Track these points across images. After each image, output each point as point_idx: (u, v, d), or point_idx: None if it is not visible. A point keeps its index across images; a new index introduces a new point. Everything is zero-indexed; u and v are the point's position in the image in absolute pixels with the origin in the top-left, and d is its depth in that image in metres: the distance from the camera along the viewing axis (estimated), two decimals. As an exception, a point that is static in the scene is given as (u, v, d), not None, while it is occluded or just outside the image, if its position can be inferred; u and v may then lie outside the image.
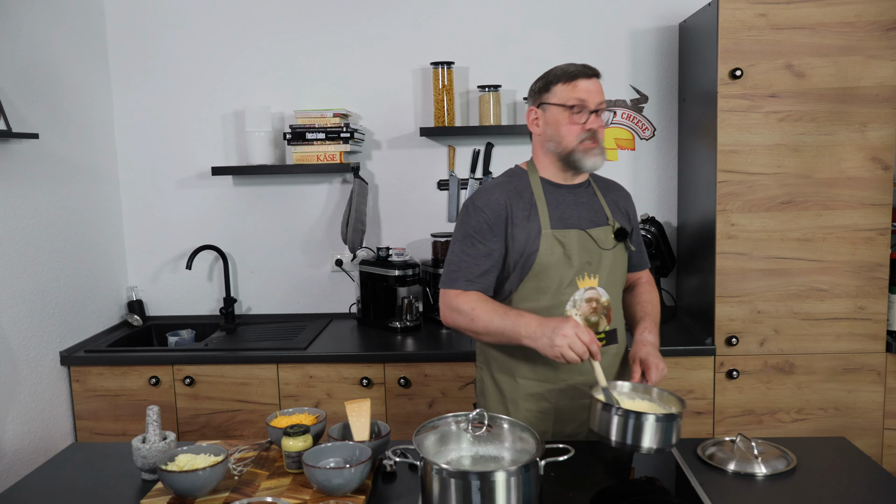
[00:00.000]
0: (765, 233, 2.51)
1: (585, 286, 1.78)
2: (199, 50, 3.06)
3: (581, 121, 1.76)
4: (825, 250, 2.51)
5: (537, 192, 1.82)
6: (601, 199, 1.89)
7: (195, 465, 1.54)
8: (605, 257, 1.81)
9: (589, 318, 1.79)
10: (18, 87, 2.49)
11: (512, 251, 1.79)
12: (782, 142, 2.47)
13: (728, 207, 2.51)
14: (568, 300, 1.77)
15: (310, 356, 2.61)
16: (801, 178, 2.49)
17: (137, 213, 3.16)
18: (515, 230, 1.78)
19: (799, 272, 2.52)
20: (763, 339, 2.55)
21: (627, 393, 1.69)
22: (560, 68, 1.81)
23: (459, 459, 1.51)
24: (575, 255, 1.77)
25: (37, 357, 2.54)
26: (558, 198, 1.83)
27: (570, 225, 1.80)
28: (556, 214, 1.80)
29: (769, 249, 2.52)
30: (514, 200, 1.80)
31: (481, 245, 1.79)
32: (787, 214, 2.50)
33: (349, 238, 2.93)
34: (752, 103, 2.46)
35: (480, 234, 1.79)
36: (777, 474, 1.60)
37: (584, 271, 1.79)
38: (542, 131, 1.82)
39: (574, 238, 1.78)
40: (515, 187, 1.83)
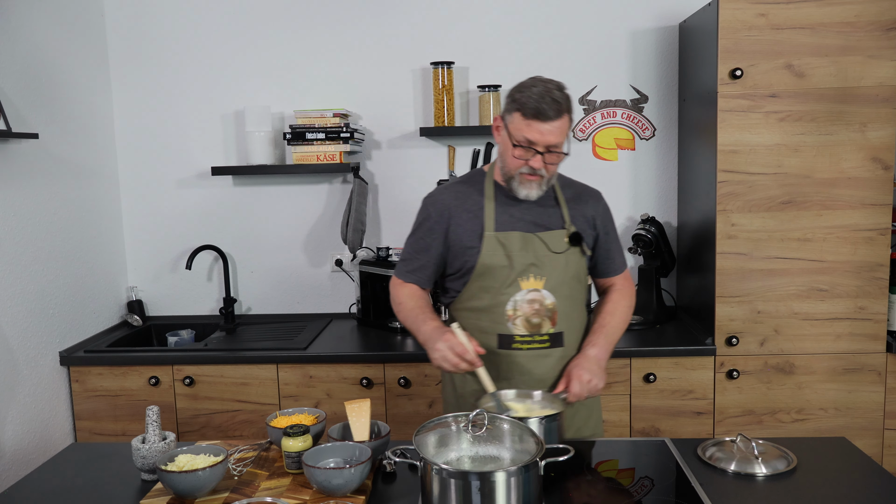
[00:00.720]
0: (765, 233, 2.51)
1: (529, 287, 1.83)
2: (199, 50, 3.06)
3: (525, 157, 1.77)
4: (825, 250, 2.51)
5: (488, 195, 1.88)
6: (561, 204, 1.91)
7: (195, 465, 1.54)
8: (554, 261, 1.84)
9: (530, 319, 1.83)
10: (18, 87, 2.49)
11: (453, 251, 1.87)
12: (782, 142, 2.47)
13: (728, 207, 2.51)
14: (508, 301, 1.83)
15: (310, 356, 2.61)
16: (801, 178, 2.49)
17: (137, 213, 3.16)
18: (456, 230, 1.86)
19: (799, 272, 2.52)
20: (763, 339, 2.55)
21: (513, 399, 1.75)
22: (529, 94, 1.74)
23: (459, 459, 1.51)
24: (517, 257, 1.82)
25: (36, 357, 2.54)
26: (508, 201, 1.88)
27: (515, 227, 1.85)
28: (504, 217, 1.86)
29: (769, 249, 2.52)
30: (462, 202, 1.88)
31: (421, 241, 1.91)
32: (787, 214, 2.50)
33: (349, 238, 2.93)
34: (752, 103, 2.46)
35: (422, 231, 1.91)
36: (777, 474, 1.60)
37: (529, 273, 1.83)
38: (500, 143, 1.85)
39: (517, 240, 1.83)
40: (468, 189, 1.91)
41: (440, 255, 1.90)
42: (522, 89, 1.76)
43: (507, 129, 1.78)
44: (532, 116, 1.73)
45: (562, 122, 1.75)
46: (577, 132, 3.04)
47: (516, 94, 1.77)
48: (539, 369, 1.84)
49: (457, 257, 1.87)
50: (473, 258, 1.84)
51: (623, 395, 2.58)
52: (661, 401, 2.58)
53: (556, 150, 1.77)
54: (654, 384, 2.56)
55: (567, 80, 2.99)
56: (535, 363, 1.84)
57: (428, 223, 1.90)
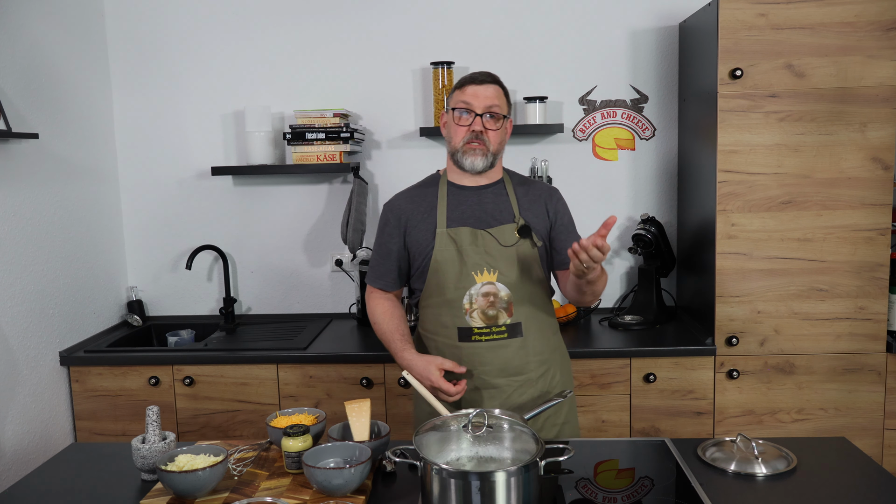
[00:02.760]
0: (765, 233, 2.51)
1: (483, 281, 1.89)
2: (199, 50, 3.06)
3: (465, 123, 1.89)
4: (825, 250, 2.51)
5: (440, 194, 1.97)
6: (511, 199, 1.98)
7: (195, 465, 1.54)
8: (505, 254, 1.90)
9: (486, 311, 1.89)
10: (18, 87, 2.49)
11: (413, 252, 1.96)
12: (782, 142, 2.47)
13: (728, 207, 2.51)
14: (464, 295, 1.89)
15: (310, 356, 2.61)
16: (802, 178, 2.49)
17: (137, 213, 3.16)
18: (413, 232, 1.95)
19: (799, 272, 2.52)
20: (763, 339, 2.55)
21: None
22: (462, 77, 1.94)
23: (459, 460, 1.51)
24: (469, 252, 1.89)
25: (36, 357, 2.54)
26: (460, 198, 1.96)
27: (466, 223, 1.92)
28: (455, 214, 1.94)
29: (769, 249, 2.52)
30: (416, 204, 1.97)
31: (383, 246, 2.00)
32: (787, 214, 2.50)
33: (349, 238, 2.93)
34: (752, 103, 2.46)
35: (383, 236, 2.00)
36: (777, 474, 1.60)
37: (482, 267, 1.89)
38: (444, 134, 1.97)
39: (466, 235, 1.90)
40: (422, 191, 2.00)
41: (401, 257, 1.99)
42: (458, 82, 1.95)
43: (448, 109, 1.93)
44: (466, 83, 1.91)
45: (495, 88, 1.91)
46: (578, 132, 3.04)
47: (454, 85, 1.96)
48: (499, 359, 1.90)
49: (416, 257, 1.96)
50: (429, 256, 1.92)
51: (623, 395, 2.58)
52: (661, 401, 2.58)
53: (496, 113, 1.89)
54: (654, 384, 2.56)
55: (567, 80, 3.02)
56: (495, 354, 1.90)
57: (388, 228, 1.99)
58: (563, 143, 3.05)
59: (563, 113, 3.03)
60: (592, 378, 2.58)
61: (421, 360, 1.87)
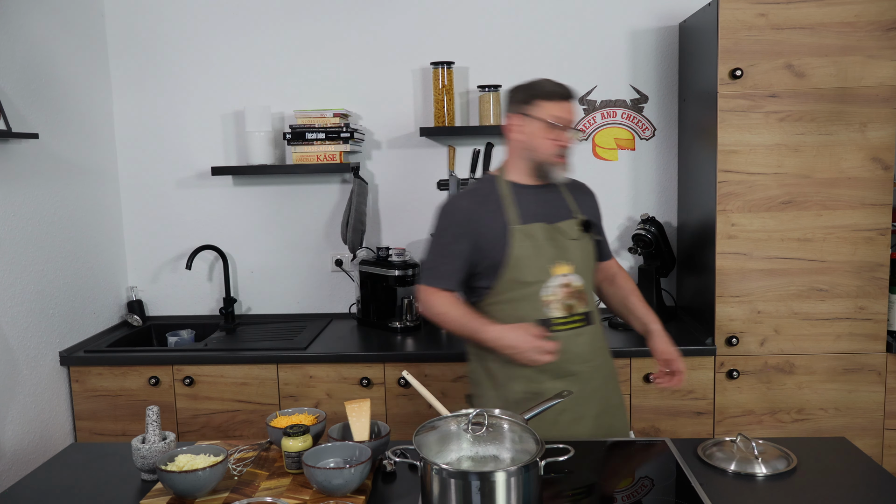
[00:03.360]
0: (765, 233, 2.51)
1: (560, 273, 1.95)
2: (199, 50, 3.06)
3: (560, 138, 1.93)
4: (825, 250, 2.51)
5: (504, 194, 1.99)
6: (566, 196, 2.06)
7: (195, 465, 1.54)
8: (573, 247, 1.98)
9: (565, 301, 1.95)
10: (18, 87, 2.49)
11: (482, 250, 1.95)
12: (782, 142, 2.47)
13: (728, 207, 2.51)
14: (544, 288, 1.94)
15: (310, 356, 2.61)
16: (802, 178, 2.49)
17: (137, 213, 3.16)
18: (483, 230, 1.94)
19: (799, 272, 2.52)
20: (763, 339, 2.55)
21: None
22: (543, 85, 1.94)
23: (459, 459, 1.51)
24: (544, 246, 1.94)
25: (36, 357, 2.54)
26: (524, 197, 1.99)
27: (537, 219, 1.96)
28: (522, 211, 1.97)
29: (769, 249, 2.52)
30: (481, 204, 1.98)
31: (448, 247, 1.96)
32: (787, 214, 2.50)
33: (349, 238, 2.93)
34: (753, 103, 2.46)
35: (447, 237, 1.97)
36: (777, 474, 1.60)
37: (558, 260, 1.95)
38: (520, 139, 1.97)
39: (540, 230, 1.95)
40: (482, 192, 2.01)
41: (468, 259, 1.97)
42: (532, 85, 1.95)
43: (535, 118, 1.92)
44: (560, 98, 1.93)
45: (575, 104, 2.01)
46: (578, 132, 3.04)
47: (530, 90, 1.94)
48: (576, 347, 1.96)
49: (486, 256, 1.95)
50: (502, 253, 1.93)
51: (623, 395, 2.58)
52: (661, 401, 2.58)
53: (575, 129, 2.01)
54: (655, 384, 2.56)
55: (567, 79, 2.99)
56: (573, 342, 1.95)
57: (452, 229, 1.96)
58: (563, 143, 3.04)
59: (563, 113, 3.03)
60: (592, 378, 2.58)
61: (513, 327, 1.88)
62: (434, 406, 1.75)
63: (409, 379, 1.77)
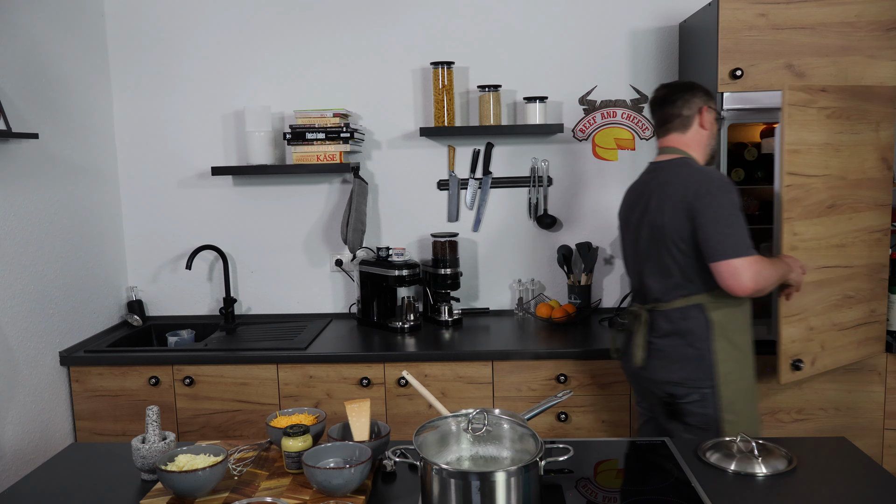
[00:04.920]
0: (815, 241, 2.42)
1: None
2: (199, 50, 3.06)
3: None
4: (852, 255, 2.35)
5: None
6: None
7: (195, 465, 1.54)
8: None
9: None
10: (18, 87, 2.49)
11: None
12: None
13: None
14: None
15: (310, 356, 2.61)
16: (840, 179, 2.38)
17: (137, 213, 3.16)
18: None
19: (838, 280, 2.36)
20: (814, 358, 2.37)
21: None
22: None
23: (459, 459, 1.51)
24: None
25: (36, 357, 2.54)
26: None
27: None
28: None
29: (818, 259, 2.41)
30: None
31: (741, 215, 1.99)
32: (830, 219, 2.41)
33: (349, 238, 2.93)
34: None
35: (739, 207, 2.00)
36: (777, 474, 1.60)
37: None
38: (709, 130, 2.17)
39: None
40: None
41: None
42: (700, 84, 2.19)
43: (715, 111, 2.16)
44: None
45: None
46: (577, 132, 3.04)
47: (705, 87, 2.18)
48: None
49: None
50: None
51: (623, 395, 2.58)
52: (661, 401, 2.57)
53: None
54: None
55: (567, 80, 3.02)
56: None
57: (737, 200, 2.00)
58: (563, 143, 3.05)
59: (563, 113, 3.03)
60: (592, 378, 2.57)
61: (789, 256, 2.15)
62: (434, 406, 1.75)
63: (409, 379, 1.77)
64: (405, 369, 1.89)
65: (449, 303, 2.96)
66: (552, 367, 2.57)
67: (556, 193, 3.08)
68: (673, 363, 2.09)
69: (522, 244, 3.12)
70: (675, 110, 2.15)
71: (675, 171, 2.09)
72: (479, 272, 3.15)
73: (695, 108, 2.14)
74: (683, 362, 2.08)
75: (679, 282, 2.07)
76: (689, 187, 2.01)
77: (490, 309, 3.15)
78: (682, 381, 2.08)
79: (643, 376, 2.18)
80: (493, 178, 3.08)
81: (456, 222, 3.12)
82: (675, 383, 2.09)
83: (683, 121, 2.15)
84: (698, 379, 2.06)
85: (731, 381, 2.06)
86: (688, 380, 2.07)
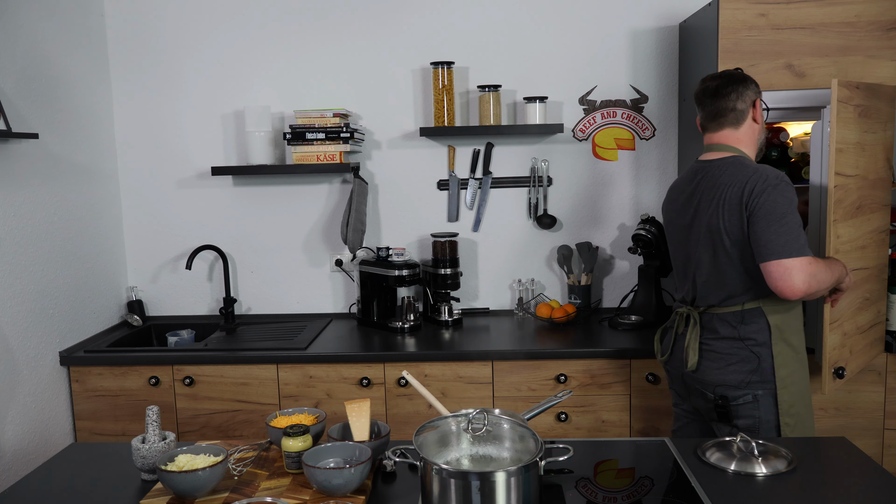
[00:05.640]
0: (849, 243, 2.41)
1: None
2: (199, 50, 3.06)
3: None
4: (868, 256, 2.35)
5: None
6: None
7: (195, 465, 1.54)
8: None
9: None
10: (18, 87, 2.49)
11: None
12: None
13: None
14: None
15: (310, 356, 2.61)
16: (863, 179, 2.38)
17: (137, 213, 3.16)
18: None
19: (861, 282, 2.36)
20: (844, 365, 2.46)
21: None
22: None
23: (459, 459, 1.51)
24: None
25: (36, 357, 2.54)
26: None
27: None
28: None
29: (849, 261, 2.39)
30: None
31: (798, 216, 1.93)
32: (858, 220, 2.42)
33: (349, 238, 2.93)
34: (753, 103, 2.45)
35: (796, 208, 1.93)
36: (777, 474, 1.59)
37: None
38: (759, 124, 2.10)
39: None
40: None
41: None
42: (752, 77, 2.11)
43: (763, 107, 2.10)
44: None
45: None
46: (578, 132, 3.04)
47: (755, 82, 2.10)
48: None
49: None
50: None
51: (623, 395, 2.58)
52: (661, 401, 2.57)
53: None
54: (655, 384, 2.56)
55: (567, 80, 3.02)
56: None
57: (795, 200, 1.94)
58: (563, 143, 3.05)
59: (563, 113, 3.03)
60: (592, 378, 2.58)
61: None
62: (434, 406, 1.75)
63: (409, 379, 1.77)
64: (405, 369, 1.89)
65: (449, 303, 2.96)
66: (552, 367, 2.57)
67: (556, 193, 3.08)
68: (729, 365, 2.03)
69: (522, 244, 3.12)
70: (728, 103, 2.05)
71: (731, 171, 2.00)
72: (479, 272, 3.15)
73: (748, 101, 2.06)
74: (740, 364, 2.02)
75: (737, 285, 2.01)
76: (747, 187, 1.93)
77: (490, 309, 3.15)
78: (737, 384, 2.02)
79: (694, 377, 2.11)
80: (493, 178, 3.08)
81: (456, 222, 3.12)
82: (730, 385, 2.03)
83: (738, 115, 2.06)
84: (754, 382, 2.01)
85: (789, 384, 2.01)
86: (743, 382, 2.02)
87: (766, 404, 2.02)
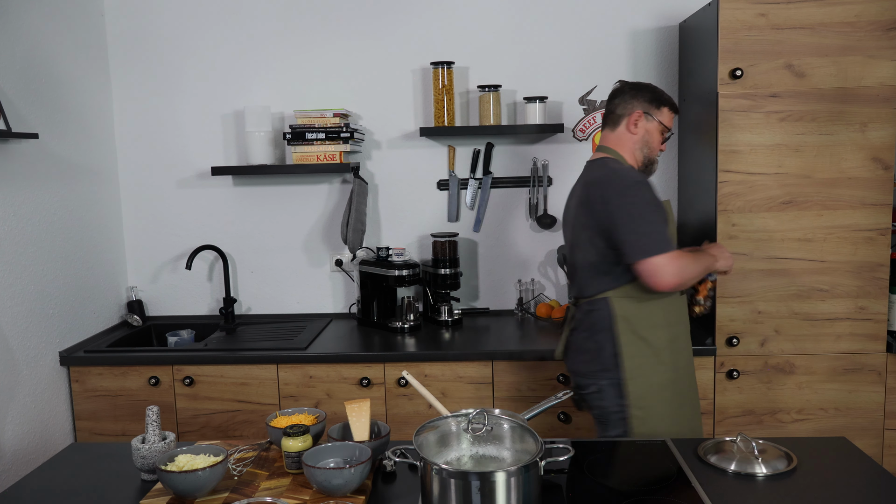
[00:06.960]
0: (766, 233, 2.51)
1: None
2: (199, 50, 3.06)
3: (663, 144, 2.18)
4: (826, 250, 2.51)
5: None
6: None
7: (195, 465, 1.54)
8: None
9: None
10: (18, 87, 2.49)
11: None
12: (783, 142, 2.47)
13: (729, 207, 2.51)
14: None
15: (310, 356, 2.61)
16: (802, 178, 2.48)
17: (137, 213, 3.16)
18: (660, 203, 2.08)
19: (800, 272, 2.52)
20: (763, 340, 2.55)
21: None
22: (664, 94, 2.16)
23: (459, 459, 1.51)
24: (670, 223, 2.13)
25: (36, 357, 2.54)
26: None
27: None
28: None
29: (770, 249, 2.52)
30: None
31: (658, 213, 2.01)
32: (787, 214, 2.50)
33: (349, 238, 2.93)
34: (753, 103, 2.46)
35: (654, 205, 2.02)
36: (777, 474, 1.59)
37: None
38: (639, 136, 2.14)
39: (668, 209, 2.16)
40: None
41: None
42: (655, 89, 2.16)
43: (657, 121, 2.13)
44: (677, 111, 2.19)
45: None
46: (578, 132, 3.04)
47: (657, 94, 2.15)
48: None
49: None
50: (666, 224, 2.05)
51: (623, 395, 2.58)
52: (662, 401, 2.57)
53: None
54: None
55: (567, 80, 3.02)
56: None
57: (653, 198, 2.02)
58: (563, 143, 3.05)
59: (563, 113, 3.03)
60: (592, 378, 2.57)
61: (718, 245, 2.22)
62: (434, 406, 1.75)
63: (409, 379, 1.77)
64: (405, 369, 1.89)
65: (449, 303, 2.96)
66: (552, 367, 2.57)
67: (556, 193, 3.08)
68: (578, 354, 2.16)
69: (522, 244, 3.12)
70: (612, 106, 2.18)
71: (596, 171, 2.12)
72: (479, 272, 3.15)
73: (629, 110, 2.14)
74: (585, 353, 2.13)
75: (594, 277, 2.11)
76: (604, 188, 2.04)
77: (490, 309, 3.15)
78: (585, 373, 2.13)
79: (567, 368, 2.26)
80: (494, 177, 3.08)
81: (456, 222, 3.12)
82: (579, 374, 2.15)
83: (614, 118, 2.17)
84: (597, 371, 2.10)
85: (637, 376, 2.06)
86: (589, 371, 2.12)
87: (610, 395, 2.08)
